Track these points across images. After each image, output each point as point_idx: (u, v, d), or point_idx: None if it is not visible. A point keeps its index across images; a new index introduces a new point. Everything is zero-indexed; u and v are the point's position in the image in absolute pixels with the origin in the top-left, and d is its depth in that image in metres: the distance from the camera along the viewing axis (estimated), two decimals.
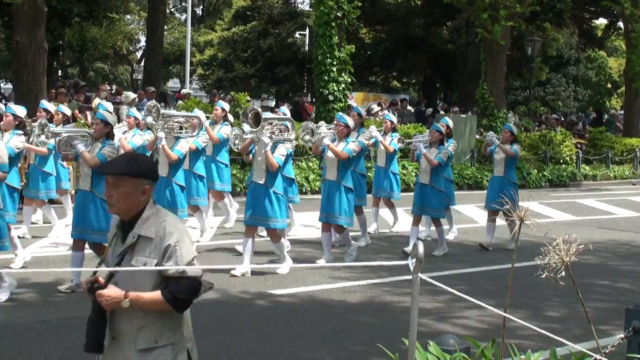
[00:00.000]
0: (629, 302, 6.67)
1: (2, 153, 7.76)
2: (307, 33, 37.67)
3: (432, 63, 36.67)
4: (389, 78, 40.89)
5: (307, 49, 37.24)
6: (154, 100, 12.99)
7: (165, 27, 34.87)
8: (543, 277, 3.65)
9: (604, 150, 24.82)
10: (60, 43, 28.30)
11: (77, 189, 8.65)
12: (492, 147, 11.43)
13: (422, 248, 3.04)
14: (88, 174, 7.96)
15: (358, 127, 11.06)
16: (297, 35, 38.64)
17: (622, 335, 4.38)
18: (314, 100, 24.52)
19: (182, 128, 9.94)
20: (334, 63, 20.15)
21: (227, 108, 11.90)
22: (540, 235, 4.02)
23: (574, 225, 13.69)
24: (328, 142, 9.57)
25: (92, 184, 7.91)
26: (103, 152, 7.83)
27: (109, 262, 3.46)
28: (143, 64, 34.96)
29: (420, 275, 3.04)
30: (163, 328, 3.37)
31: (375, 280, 8.95)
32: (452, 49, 35.45)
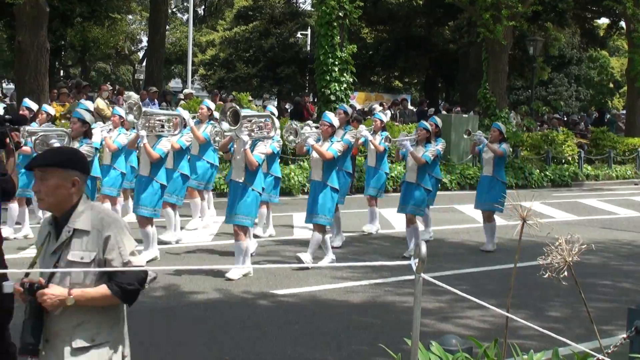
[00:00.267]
0: (631, 302, 6.68)
1: None
2: (308, 33, 37.68)
3: (433, 63, 36.63)
4: (391, 78, 40.88)
5: (308, 49, 37.25)
6: (136, 98, 12.91)
7: (167, 27, 34.95)
8: (545, 277, 3.64)
9: (606, 150, 24.78)
10: (62, 43, 28.29)
11: None
12: (480, 146, 11.34)
13: (424, 248, 3.03)
14: None
15: (344, 125, 10.92)
16: (298, 35, 38.66)
17: (624, 336, 4.38)
18: (316, 100, 24.52)
19: (163, 127, 9.63)
20: (336, 63, 20.17)
21: (212, 107, 11.80)
22: (543, 235, 4.01)
23: (576, 225, 13.68)
24: (312, 142, 9.36)
25: None
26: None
27: (44, 261, 3.31)
28: (145, 64, 34.97)
29: (423, 276, 3.03)
30: (101, 326, 3.27)
31: (378, 281, 8.94)
32: (454, 49, 35.42)
